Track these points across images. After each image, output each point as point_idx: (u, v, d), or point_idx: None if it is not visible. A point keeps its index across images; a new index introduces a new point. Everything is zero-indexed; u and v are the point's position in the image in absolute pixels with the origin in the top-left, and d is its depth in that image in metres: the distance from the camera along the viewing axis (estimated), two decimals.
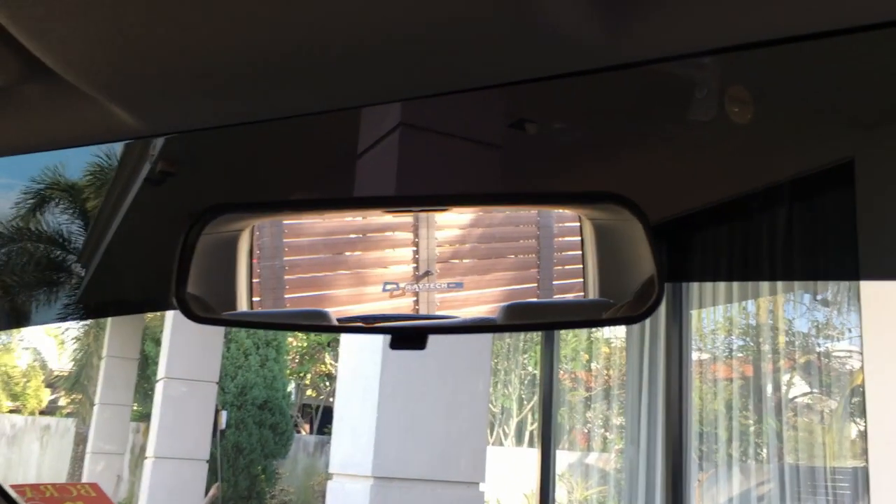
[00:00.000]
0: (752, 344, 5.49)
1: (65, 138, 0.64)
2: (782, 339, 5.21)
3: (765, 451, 5.17)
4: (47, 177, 11.98)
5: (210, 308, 0.73)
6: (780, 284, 4.98)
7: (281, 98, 0.63)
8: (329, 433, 4.20)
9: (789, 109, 1.62)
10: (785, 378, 5.21)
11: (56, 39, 0.52)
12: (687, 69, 1.45)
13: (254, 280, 0.75)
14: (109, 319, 11.75)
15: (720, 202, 1.64)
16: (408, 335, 0.58)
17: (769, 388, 5.16)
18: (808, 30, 0.54)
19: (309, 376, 16.93)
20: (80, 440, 13.22)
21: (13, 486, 4.91)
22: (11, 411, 18.82)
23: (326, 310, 0.72)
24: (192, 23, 0.53)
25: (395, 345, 0.55)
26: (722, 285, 5.25)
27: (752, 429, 5.28)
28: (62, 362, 19.68)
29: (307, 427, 17.20)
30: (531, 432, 8.21)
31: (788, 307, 5.32)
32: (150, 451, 7.85)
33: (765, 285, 5.04)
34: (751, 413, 5.27)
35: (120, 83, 0.57)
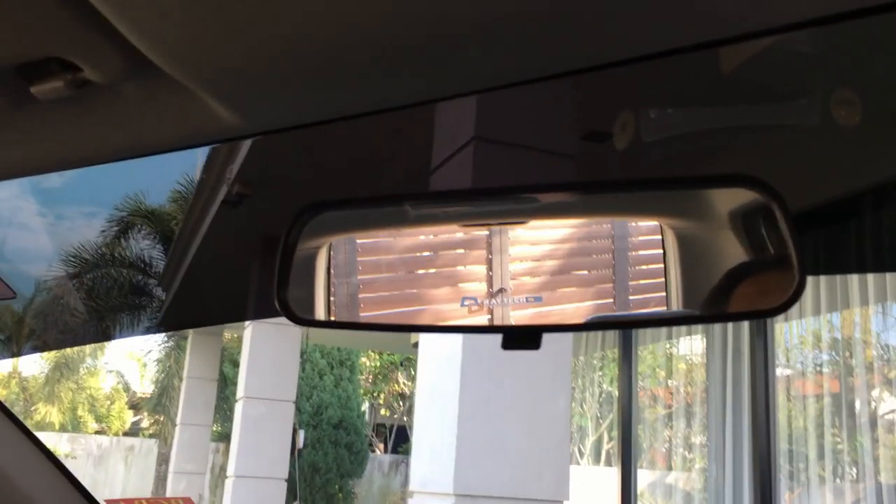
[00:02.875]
0: (838, 358, 5.29)
1: (167, 139, 0.64)
2: (871, 352, 5.02)
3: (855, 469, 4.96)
4: (129, 204, 12.38)
5: (309, 310, 0.73)
6: (869, 295, 4.79)
7: (372, 92, 0.62)
8: (403, 452, 4.20)
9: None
10: (875, 393, 5.00)
11: (160, 33, 0.52)
12: (789, 74, 1.42)
13: (341, 290, 0.75)
14: (189, 342, 12.03)
15: (823, 203, 1.58)
16: (521, 334, 0.56)
17: (857, 404, 4.95)
18: None
19: (382, 396, 17.01)
20: (163, 460, 13.53)
21: (107, 501, 5.04)
22: (97, 432, 19.42)
23: (424, 307, 0.71)
24: (293, 15, 0.53)
25: (507, 344, 0.53)
26: (808, 297, 5.09)
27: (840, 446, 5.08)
28: (144, 385, 20.25)
29: (381, 446, 17.27)
30: (608, 451, 8.07)
31: (877, 319, 5.11)
32: (230, 471, 7.97)
33: (854, 296, 4.85)
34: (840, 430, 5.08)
35: (222, 78, 0.57)
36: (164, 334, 14.67)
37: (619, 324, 0.76)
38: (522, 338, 0.55)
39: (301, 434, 9.82)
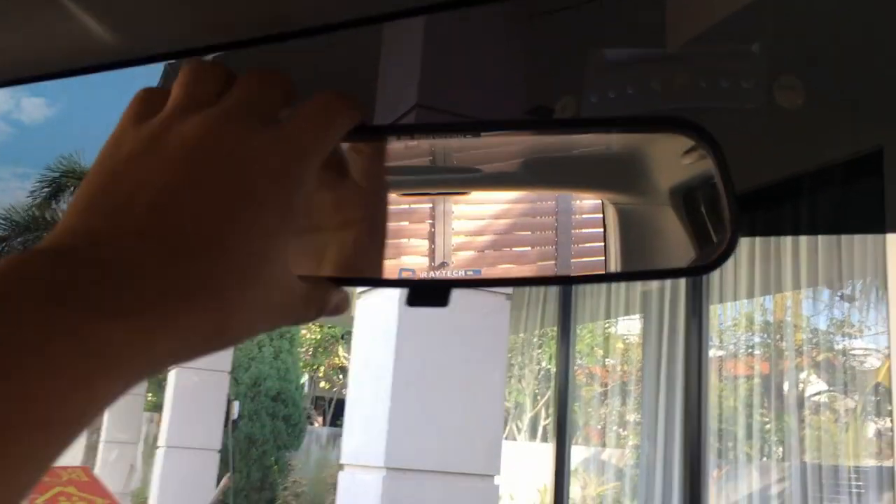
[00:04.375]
0: (769, 341, 5.41)
1: (43, 63, 0.57)
2: (800, 336, 5.14)
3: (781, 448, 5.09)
4: (63, 165, 12.06)
5: None
6: (802, 279, 4.90)
7: (289, 9, 0.56)
8: (341, 425, 4.17)
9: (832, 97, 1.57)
10: (803, 376, 5.13)
11: None
12: (734, 59, 1.41)
13: None
14: None
15: (757, 187, 1.58)
16: (428, 289, 0.51)
17: (786, 386, 5.08)
18: None
19: (322, 368, 16.94)
20: (94, 429, 13.28)
21: None
22: None
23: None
24: None
25: (412, 300, 0.48)
26: (743, 280, 5.17)
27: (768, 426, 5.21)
28: None
29: (320, 419, 17.22)
30: (544, 427, 8.15)
31: (807, 303, 5.24)
32: (161, 441, 7.85)
33: (786, 280, 4.95)
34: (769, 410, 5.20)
35: None
36: None
37: (539, 280, 0.72)
38: (429, 293, 0.50)
39: (236, 405, 9.71)
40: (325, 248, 0.48)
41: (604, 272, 0.58)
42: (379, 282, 0.52)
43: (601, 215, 0.58)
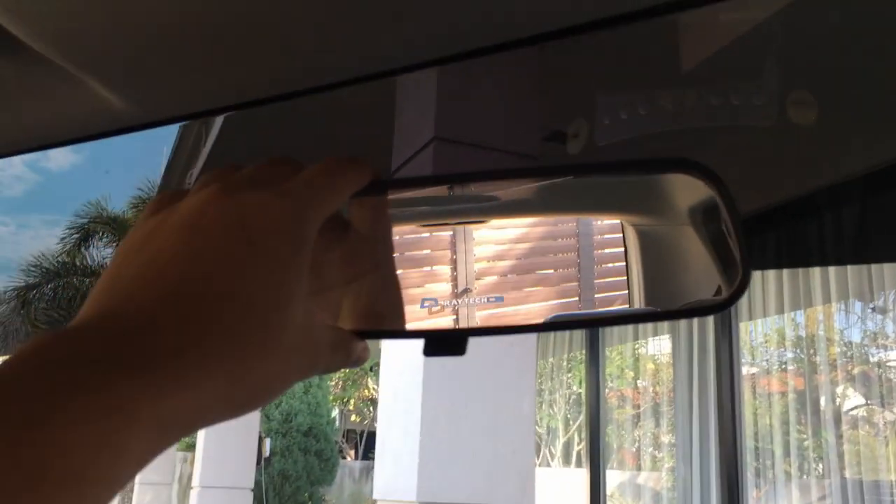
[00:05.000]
0: (802, 356, 5.33)
1: (53, 130, 0.59)
2: (834, 349, 5.06)
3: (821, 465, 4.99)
4: (90, 210, 12.20)
5: None
6: (832, 292, 4.83)
7: (297, 70, 0.57)
8: (374, 458, 4.15)
9: (851, 109, 1.55)
10: (839, 390, 5.04)
11: (36, 15, 0.47)
12: (744, 76, 1.41)
13: None
14: None
15: (783, 202, 1.57)
16: (444, 339, 0.51)
17: (822, 401, 4.99)
18: None
19: (352, 401, 16.90)
20: None
21: None
22: None
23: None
24: None
25: (429, 350, 0.48)
26: (772, 295, 5.11)
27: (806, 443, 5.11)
28: None
29: (352, 453, 17.16)
30: (578, 452, 8.07)
31: (840, 316, 5.16)
32: (195, 481, 7.86)
33: (816, 294, 4.89)
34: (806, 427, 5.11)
35: (110, 64, 0.52)
36: None
37: (559, 325, 0.72)
38: (446, 343, 0.50)
39: (267, 442, 9.70)
40: (340, 303, 0.48)
41: (607, 315, 0.57)
42: (396, 333, 0.52)
43: (621, 236, 0.58)
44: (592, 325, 1.46)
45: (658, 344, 6.58)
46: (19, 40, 0.50)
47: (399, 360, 3.75)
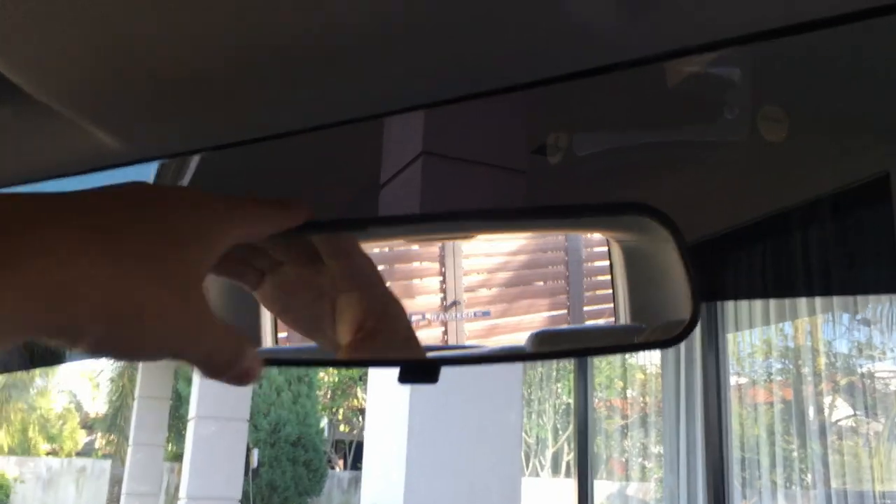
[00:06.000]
0: (790, 366, 5.35)
1: (44, 168, 0.60)
2: (821, 360, 5.08)
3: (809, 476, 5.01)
4: None
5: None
6: (817, 305, 4.86)
7: (284, 111, 0.58)
8: (362, 468, 4.14)
9: (822, 126, 1.57)
10: (827, 400, 5.07)
11: (20, 54, 0.48)
12: (716, 90, 1.42)
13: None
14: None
15: (752, 221, 1.58)
16: (418, 367, 0.53)
17: (810, 411, 5.01)
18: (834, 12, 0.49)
19: (341, 412, 16.85)
20: (116, 481, 13.24)
21: None
22: (49, 453, 18.93)
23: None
24: (177, 28, 0.48)
25: (403, 378, 0.49)
26: (759, 307, 5.14)
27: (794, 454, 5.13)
28: (98, 404, 19.82)
29: (341, 463, 17.10)
30: (567, 462, 8.06)
31: (827, 328, 5.18)
32: (182, 492, 7.81)
33: (802, 307, 4.92)
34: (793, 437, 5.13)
35: (98, 102, 0.53)
36: None
37: (531, 356, 0.72)
38: (420, 370, 0.52)
39: (255, 453, 9.66)
40: (316, 326, 0.49)
41: (569, 349, 0.58)
42: (370, 362, 0.53)
43: (607, 249, 0.59)
44: (558, 357, 1.47)
45: (647, 354, 6.60)
46: (7, 79, 0.50)
47: (387, 370, 3.75)
